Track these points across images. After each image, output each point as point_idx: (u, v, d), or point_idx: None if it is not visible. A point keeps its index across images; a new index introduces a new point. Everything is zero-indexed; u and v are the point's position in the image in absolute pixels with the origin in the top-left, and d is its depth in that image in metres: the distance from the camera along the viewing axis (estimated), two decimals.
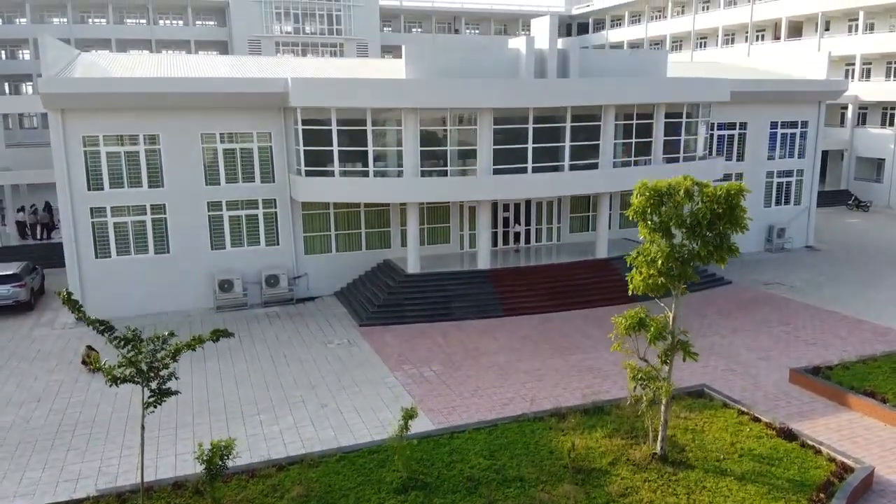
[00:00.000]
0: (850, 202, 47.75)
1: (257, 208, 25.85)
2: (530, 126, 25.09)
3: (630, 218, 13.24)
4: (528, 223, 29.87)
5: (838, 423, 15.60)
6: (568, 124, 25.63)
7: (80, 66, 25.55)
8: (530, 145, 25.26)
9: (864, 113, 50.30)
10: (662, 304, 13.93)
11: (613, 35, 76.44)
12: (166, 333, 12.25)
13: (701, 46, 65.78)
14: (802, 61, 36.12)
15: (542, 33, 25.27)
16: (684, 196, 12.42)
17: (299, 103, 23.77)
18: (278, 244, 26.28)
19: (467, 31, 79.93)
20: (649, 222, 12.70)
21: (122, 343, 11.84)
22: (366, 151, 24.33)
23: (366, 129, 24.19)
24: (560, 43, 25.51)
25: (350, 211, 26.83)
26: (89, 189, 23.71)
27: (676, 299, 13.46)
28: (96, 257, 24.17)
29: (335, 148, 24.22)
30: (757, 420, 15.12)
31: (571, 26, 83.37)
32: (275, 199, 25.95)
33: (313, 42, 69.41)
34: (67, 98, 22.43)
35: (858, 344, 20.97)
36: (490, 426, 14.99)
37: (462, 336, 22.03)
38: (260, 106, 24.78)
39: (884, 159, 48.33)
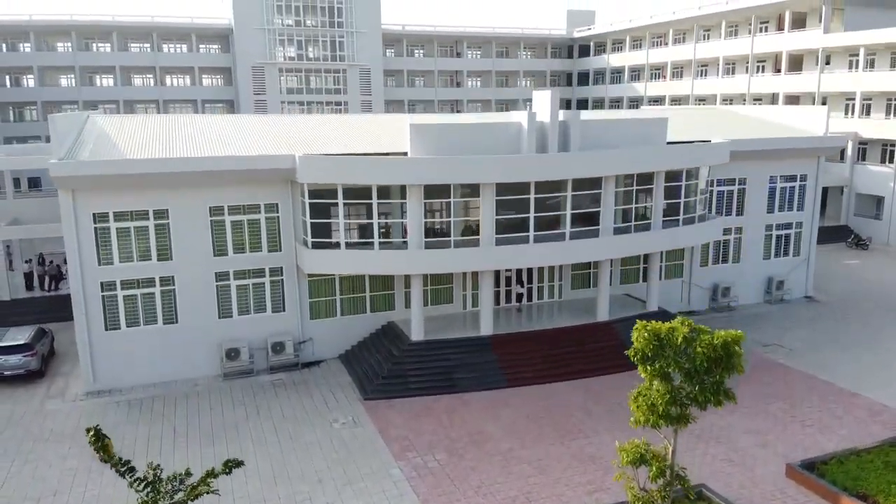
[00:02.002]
0: (849, 240, 48.13)
1: (264, 277, 26.30)
2: (532, 196, 25.53)
3: (631, 359, 13.64)
4: (529, 282, 30.31)
5: None
6: (569, 193, 26.06)
7: (90, 138, 25.93)
8: (532, 214, 25.69)
9: (863, 148, 50.67)
10: (663, 436, 14.28)
11: (614, 59, 76.90)
12: (183, 473, 12.61)
13: (702, 75, 66.20)
14: (802, 114, 36.53)
15: (543, 107, 25.65)
16: (682, 342, 12.82)
17: (306, 180, 24.23)
18: (284, 310, 26.73)
19: (469, 53, 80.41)
20: (649, 366, 13.11)
21: (143, 485, 12.23)
22: (371, 224, 24.82)
23: (371, 202, 24.67)
24: (561, 115, 25.88)
25: (355, 276, 27.26)
26: (99, 264, 24.16)
27: (676, 433, 13.83)
28: (106, 329, 24.61)
29: (341, 220, 24.72)
30: None
31: (573, 48, 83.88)
32: (281, 267, 26.40)
33: (316, 68, 70.05)
34: (78, 180, 22.89)
35: (854, 426, 21.40)
36: None
37: (465, 414, 22.47)
38: (268, 180, 25.23)
39: (883, 197, 48.73)
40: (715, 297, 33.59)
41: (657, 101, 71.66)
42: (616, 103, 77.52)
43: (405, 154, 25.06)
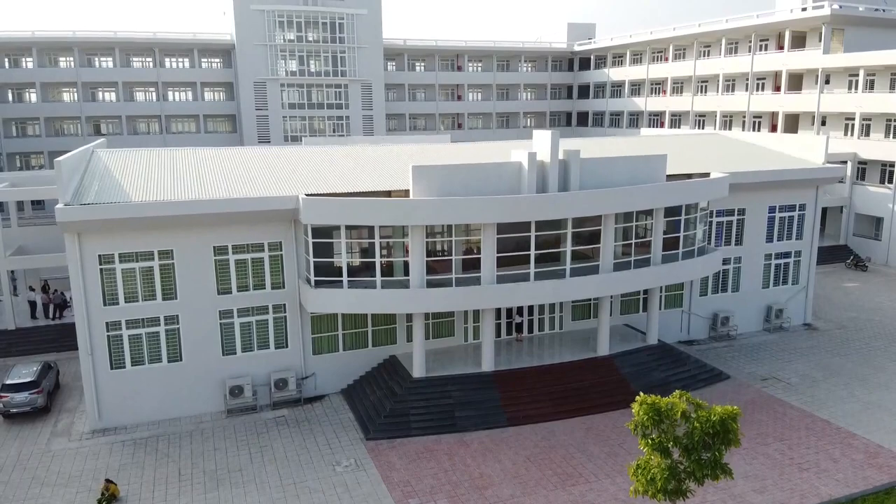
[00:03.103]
0: (848, 261, 48.35)
1: (267, 314, 26.57)
2: (532, 234, 25.80)
3: (632, 432, 13.89)
4: (530, 314, 30.58)
5: None
6: (569, 230, 26.34)
7: (94, 177, 26.19)
8: (532, 252, 25.97)
9: (863, 168, 50.89)
10: None
11: (615, 73, 77.16)
12: None
13: (702, 91, 66.44)
14: (801, 142, 36.80)
15: (543, 146, 25.91)
16: (681, 417, 13.08)
17: (310, 221, 24.51)
18: (287, 346, 27.00)
19: (469, 66, 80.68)
20: (649, 440, 13.37)
21: None
22: (373, 263, 25.10)
23: (374, 242, 24.96)
24: (561, 153, 26.13)
25: None
26: (105, 304, 24.44)
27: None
28: (111, 368, 24.90)
29: (343, 259, 25.00)
30: None
31: (573, 61, 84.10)
32: (284, 304, 26.68)
33: (318, 83, 70.31)
34: (84, 223, 23.18)
35: (850, 470, 21.65)
36: None
37: (467, 456, 22.72)
38: (272, 219, 25.51)
39: (882, 217, 48.96)
40: (714, 326, 33.85)
41: (657, 115, 71.92)
42: (616, 117, 77.78)
43: (408, 191, 25.28)
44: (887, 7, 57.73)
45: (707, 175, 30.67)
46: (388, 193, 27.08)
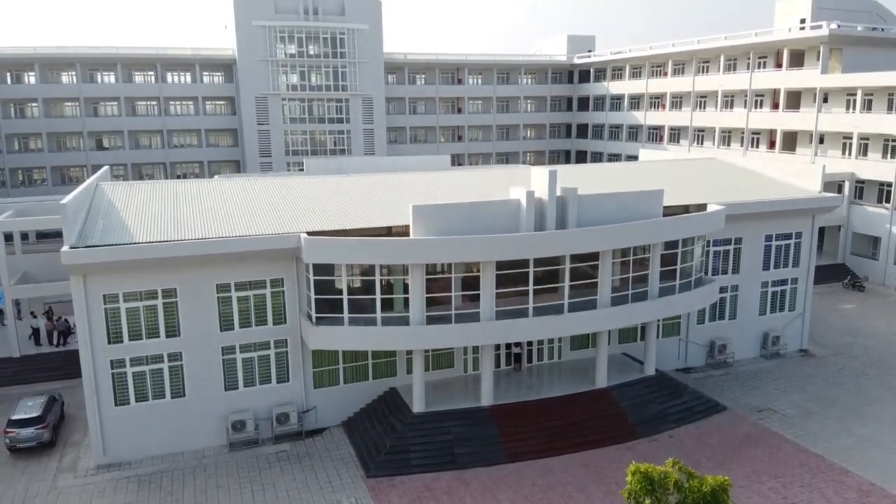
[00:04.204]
0: (845, 281, 48.68)
1: (269, 349, 26.93)
2: (531, 270, 26.17)
3: (626, 500, 14.24)
4: (529, 344, 30.92)
5: None
6: (567, 266, 26.70)
7: (98, 215, 26.56)
8: (531, 287, 26.33)
9: (861, 187, 51.20)
10: None
11: (614, 87, 77.54)
12: None
13: (700, 107, 66.77)
14: (798, 169, 37.14)
15: (541, 184, 26.28)
16: (673, 487, 13.42)
17: (312, 260, 24.88)
18: (288, 381, 27.36)
19: (470, 79, 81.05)
20: None
21: None
22: (374, 300, 25.46)
23: (374, 279, 25.32)
24: (559, 190, 26.49)
25: None
26: (109, 342, 24.80)
27: None
28: (116, 405, 25.26)
29: (345, 297, 25.35)
30: None
31: (573, 74, 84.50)
32: (286, 339, 27.04)
33: (319, 97, 70.68)
34: (89, 266, 23.55)
35: None
36: None
37: (466, 496, 23.05)
38: (273, 257, 25.87)
39: (880, 237, 49.29)
40: (712, 354, 34.18)
41: (656, 129, 72.26)
42: (616, 129, 78.14)
43: (408, 226, 25.59)
44: (886, 26, 58.14)
45: (704, 206, 31.05)
46: (389, 229, 27.49)
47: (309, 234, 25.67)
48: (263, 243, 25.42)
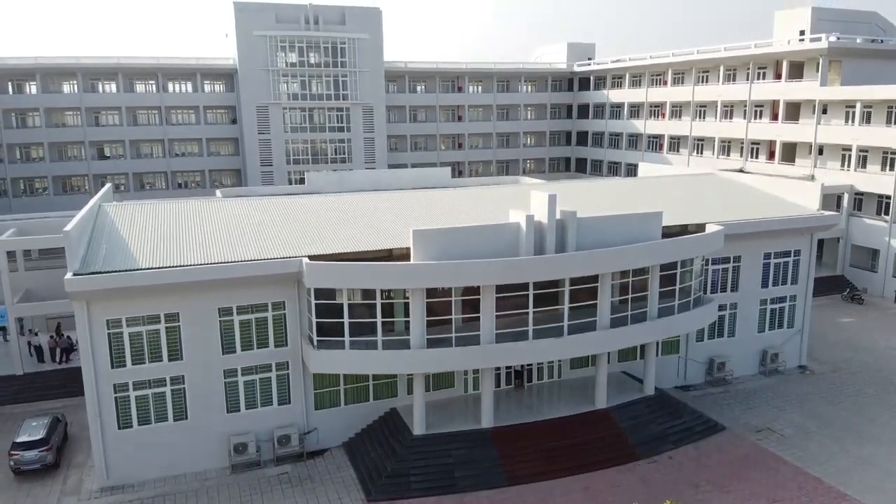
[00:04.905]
0: (844, 294, 48.84)
1: (271, 371, 27.13)
2: (530, 293, 26.35)
3: None
4: (529, 363, 31.07)
5: None
6: (567, 289, 26.88)
7: (101, 239, 26.74)
8: (531, 310, 26.51)
9: (860, 199, 51.37)
10: None
11: (614, 95, 77.72)
12: None
13: (700, 116, 66.91)
14: (796, 187, 37.33)
15: (540, 208, 26.46)
16: None
17: (314, 285, 25.07)
18: (290, 402, 27.55)
19: (470, 87, 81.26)
20: None
21: None
22: (375, 323, 25.65)
23: (375, 303, 25.50)
24: (558, 213, 26.66)
25: None
26: (113, 367, 25.00)
27: None
28: (119, 429, 25.46)
29: (346, 320, 25.52)
30: None
31: (573, 81, 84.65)
32: (287, 362, 27.23)
33: (320, 106, 70.90)
34: (92, 292, 23.75)
35: None
36: None
37: None
38: (275, 281, 26.06)
39: (879, 250, 49.45)
40: (711, 371, 34.36)
41: (656, 138, 72.40)
42: (616, 137, 78.30)
43: (409, 249, 25.76)
44: (885, 36, 58.31)
45: (703, 225, 31.21)
46: (390, 251, 27.69)
47: (310, 258, 25.89)
48: (266, 268, 25.61)
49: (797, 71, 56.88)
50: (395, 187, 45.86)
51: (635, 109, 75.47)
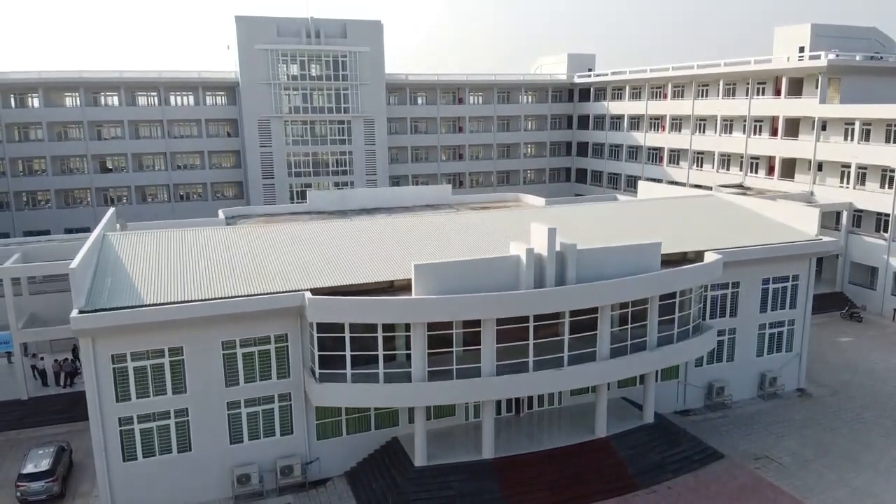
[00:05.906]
0: (843, 311, 49.06)
1: (273, 403, 27.40)
2: (531, 325, 26.62)
3: None
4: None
5: None
6: (567, 320, 27.15)
7: (106, 272, 27.01)
8: (531, 341, 26.78)
9: (859, 216, 51.58)
10: None
11: (614, 107, 77.98)
12: None
13: (700, 130, 67.15)
14: (795, 211, 37.57)
15: (540, 241, 26.71)
16: None
17: (316, 319, 25.35)
18: (292, 433, 27.82)
19: (471, 99, 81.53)
20: None
21: None
22: (377, 356, 25.91)
23: (377, 336, 25.77)
24: (558, 246, 26.91)
25: None
26: (118, 401, 25.28)
27: None
28: (124, 461, 25.74)
29: (347, 353, 25.79)
30: None
31: (573, 92, 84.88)
32: (290, 393, 27.51)
33: (321, 119, 71.21)
34: (97, 329, 24.04)
35: None
36: None
37: None
38: (278, 315, 26.34)
39: (877, 267, 49.67)
40: (710, 396, 34.61)
41: (656, 150, 72.64)
42: (616, 149, 78.54)
43: (410, 280, 26.00)
44: (885, 52, 58.53)
45: (702, 253, 31.46)
46: (392, 283, 28.01)
47: (313, 291, 26.17)
48: (269, 303, 25.88)
49: (796, 87, 57.10)
50: (396, 205, 46.38)
51: (635, 121, 75.71)
